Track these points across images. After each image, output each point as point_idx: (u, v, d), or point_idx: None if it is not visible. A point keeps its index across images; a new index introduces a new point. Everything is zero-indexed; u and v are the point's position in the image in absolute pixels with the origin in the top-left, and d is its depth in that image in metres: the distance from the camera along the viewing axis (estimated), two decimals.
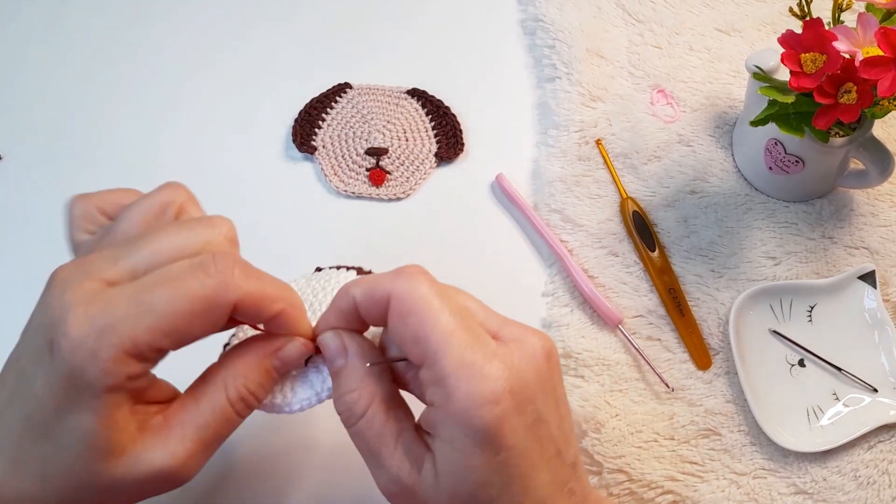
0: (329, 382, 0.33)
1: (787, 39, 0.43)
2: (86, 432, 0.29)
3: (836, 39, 0.41)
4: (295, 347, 0.33)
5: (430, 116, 0.58)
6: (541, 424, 0.31)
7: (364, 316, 0.32)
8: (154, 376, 0.31)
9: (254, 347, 0.33)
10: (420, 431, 0.32)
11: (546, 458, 0.31)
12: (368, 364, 0.32)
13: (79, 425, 0.29)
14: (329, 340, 0.33)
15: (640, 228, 0.53)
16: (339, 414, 0.32)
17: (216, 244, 0.32)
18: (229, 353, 0.33)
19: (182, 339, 0.29)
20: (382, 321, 0.32)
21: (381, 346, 0.34)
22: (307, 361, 0.34)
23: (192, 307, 0.29)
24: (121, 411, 0.29)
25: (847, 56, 0.41)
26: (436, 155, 0.56)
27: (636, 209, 0.53)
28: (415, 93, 0.58)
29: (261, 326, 0.33)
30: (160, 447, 0.31)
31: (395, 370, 0.34)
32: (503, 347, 0.30)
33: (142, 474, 0.30)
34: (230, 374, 0.32)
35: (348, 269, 0.38)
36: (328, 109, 0.58)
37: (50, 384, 0.29)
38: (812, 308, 0.51)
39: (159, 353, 0.30)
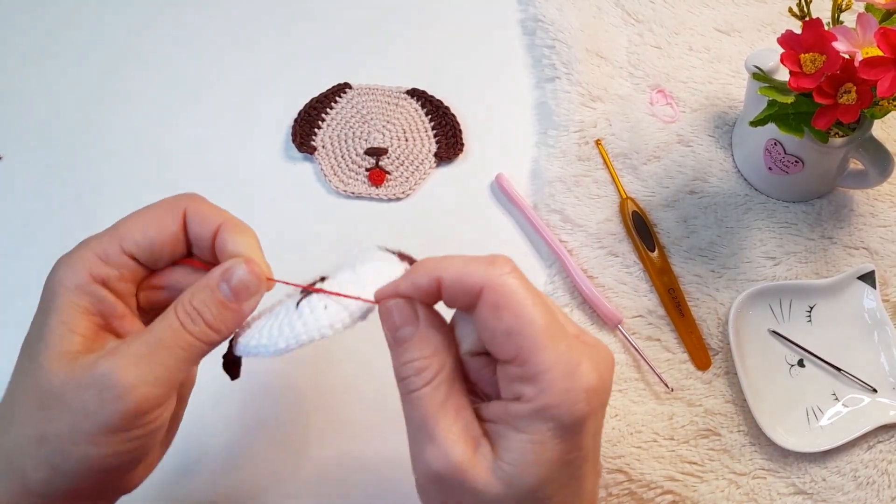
0: (308, 327, 0.32)
1: (787, 40, 0.43)
2: (45, 332, 0.31)
3: (836, 40, 0.41)
4: (238, 271, 0.33)
5: (429, 116, 0.58)
6: (599, 433, 0.31)
7: (447, 299, 0.32)
8: (128, 311, 0.34)
9: (207, 274, 0.34)
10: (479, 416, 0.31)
11: (595, 468, 0.31)
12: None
13: (42, 325, 0.31)
14: (401, 306, 0.32)
15: (640, 228, 0.53)
16: (402, 379, 0.31)
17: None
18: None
19: (141, 237, 0.33)
20: (466, 308, 0.31)
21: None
22: (297, 304, 0.33)
23: (151, 210, 0.34)
24: (81, 316, 0.32)
25: (846, 56, 0.41)
26: (435, 155, 0.56)
27: (636, 209, 0.54)
28: (414, 93, 0.58)
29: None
30: (107, 355, 0.31)
31: (466, 363, 0.33)
32: (588, 349, 0.30)
33: (86, 378, 0.30)
34: (181, 298, 0.33)
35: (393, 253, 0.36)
36: (328, 109, 0.58)
37: (39, 309, 0.32)
38: (812, 308, 0.51)
39: (126, 258, 0.33)
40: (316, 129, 0.57)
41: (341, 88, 0.58)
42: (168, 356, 0.31)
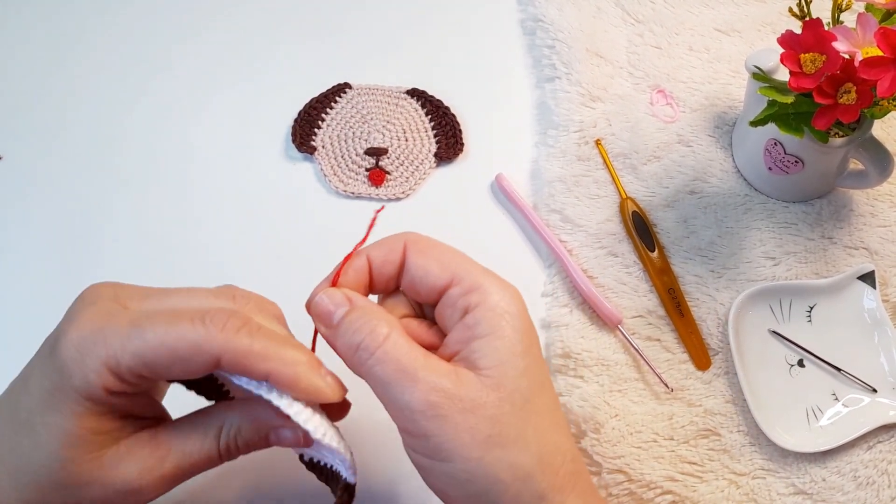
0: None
1: (787, 40, 0.43)
2: (64, 431, 0.30)
3: (836, 40, 0.41)
4: (288, 433, 0.34)
5: (429, 116, 0.58)
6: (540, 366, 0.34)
7: (377, 273, 0.35)
8: (146, 403, 0.33)
9: (256, 408, 0.34)
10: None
11: (553, 408, 0.34)
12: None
13: (58, 423, 0.30)
14: (330, 293, 0.34)
15: (640, 229, 0.53)
16: (357, 346, 0.32)
17: (238, 309, 0.33)
18: (242, 401, 0.34)
19: (159, 372, 0.31)
20: (394, 275, 0.35)
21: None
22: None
23: (177, 346, 0.30)
24: (99, 420, 0.31)
25: (846, 56, 0.41)
26: (435, 155, 0.56)
27: (636, 209, 0.53)
28: (414, 93, 0.58)
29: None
30: (137, 460, 0.32)
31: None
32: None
33: (110, 483, 0.31)
34: (228, 421, 0.34)
35: None
36: (328, 109, 0.58)
37: (42, 381, 0.31)
38: (811, 308, 0.51)
39: (139, 379, 0.31)
40: (316, 129, 0.57)
41: (341, 88, 0.58)
42: (193, 472, 0.34)
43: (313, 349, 0.34)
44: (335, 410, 0.36)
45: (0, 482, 0.31)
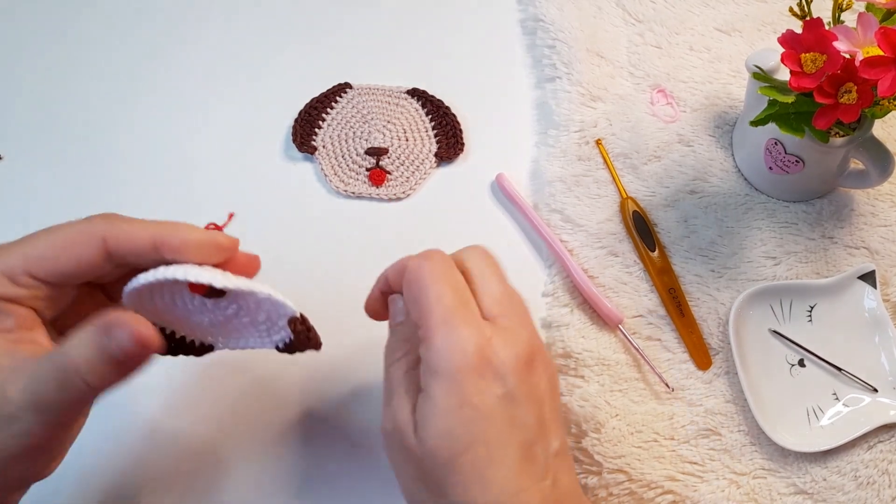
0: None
1: (788, 39, 0.43)
2: None
3: (837, 39, 0.41)
4: (123, 333, 0.30)
5: (430, 116, 0.58)
6: (513, 404, 0.34)
7: (392, 285, 0.39)
8: (39, 324, 0.33)
9: (93, 321, 0.31)
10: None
11: (516, 440, 0.34)
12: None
13: None
14: (396, 301, 0.39)
15: (640, 228, 0.53)
16: (385, 356, 0.38)
17: None
18: (90, 316, 0.32)
19: (49, 267, 0.32)
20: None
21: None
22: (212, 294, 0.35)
23: (64, 236, 0.32)
24: None
25: (847, 56, 0.41)
26: (436, 155, 0.56)
27: (636, 209, 0.53)
28: (415, 93, 0.58)
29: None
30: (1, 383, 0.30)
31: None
32: (488, 325, 0.35)
33: None
34: (66, 343, 0.31)
35: None
36: (328, 109, 0.58)
37: None
38: (812, 308, 0.51)
39: (36, 281, 0.32)
40: (316, 129, 0.57)
41: (342, 88, 0.58)
42: (59, 411, 0.31)
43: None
44: (243, 270, 0.36)
45: None
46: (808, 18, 0.43)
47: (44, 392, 0.30)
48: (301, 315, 0.36)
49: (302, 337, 0.36)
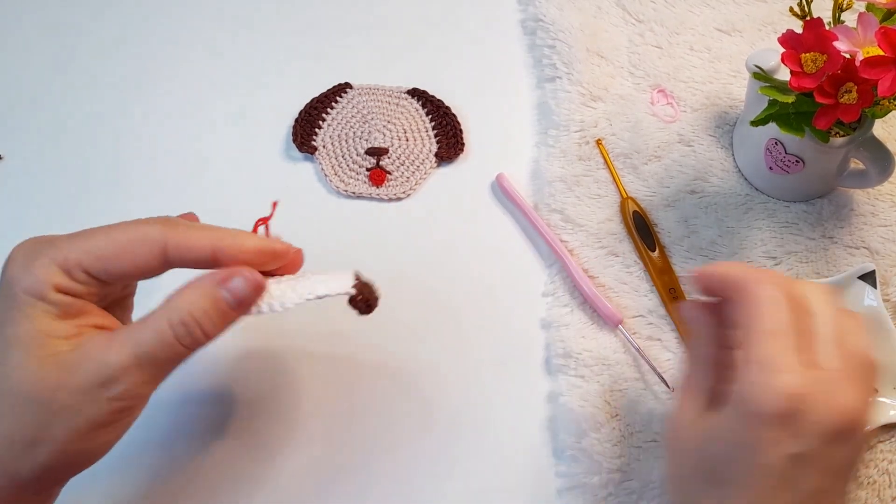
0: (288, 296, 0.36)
1: (788, 39, 0.42)
2: (17, 338, 0.31)
3: (837, 39, 0.41)
4: (238, 280, 0.34)
5: (430, 116, 0.58)
6: (800, 466, 0.32)
7: (710, 292, 0.38)
8: (101, 311, 0.34)
9: (203, 277, 0.34)
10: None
11: (782, 500, 0.32)
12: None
13: (11, 333, 0.31)
14: (690, 310, 0.39)
15: (641, 228, 0.53)
16: (688, 347, 0.39)
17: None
18: (185, 284, 0.34)
19: (108, 267, 0.32)
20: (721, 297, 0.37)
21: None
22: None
23: (123, 238, 0.33)
24: (52, 323, 0.32)
25: (847, 56, 0.41)
26: (436, 155, 0.56)
27: (636, 209, 0.53)
28: (415, 93, 0.58)
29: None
30: (96, 357, 0.32)
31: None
32: (817, 375, 0.32)
33: (76, 385, 0.31)
34: (175, 302, 0.34)
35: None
36: (328, 109, 0.58)
37: None
38: None
39: (88, 277, 0.32)
40: (316, 129, 0.57)
41: (342, 88, 0.58)
42: (159, 366, 0.33)
43: None
44: (292, 266, 0.38)
45: None
46: (808, 18, 0.43)
47: (149, 351, 0.32)
48: (358, 290, 0.37)
49: (363, 308, 0.38)
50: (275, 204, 0.39)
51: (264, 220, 0.38)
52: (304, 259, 0.52)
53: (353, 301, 0.38)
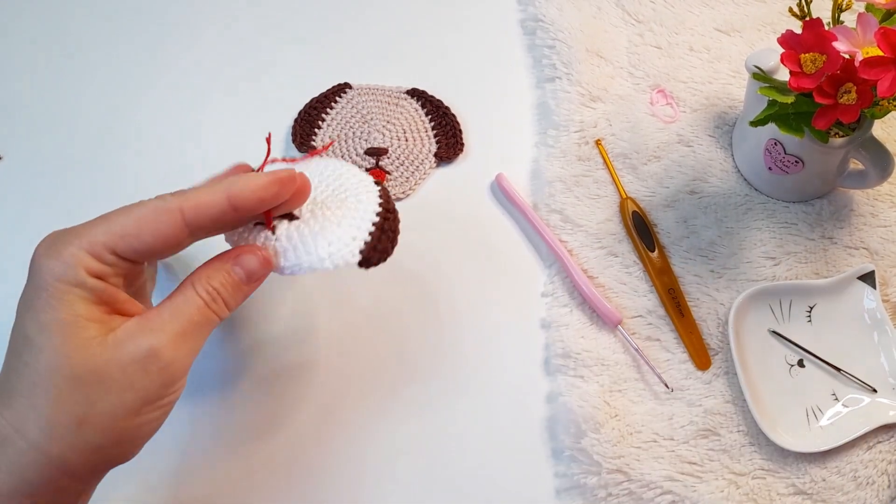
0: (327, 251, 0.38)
1: (787, 39, 0.43)
2: (58, 323, 0.32)
3: (836, 40, 0.41)
4: (249, 257, 0.37)
5: (429, 116, 0.58)
6: None
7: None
8: (128, 297, 0.35)
9: (219, 256, 0.37)
10: None
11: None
12: None
13: (50, 319, 0.32)
14: None
15: (640, 228, 0.53)
16: None
17: None
18: (200, 265, 0.37)
19: (134, 244, 0.33)
20: None
21: None
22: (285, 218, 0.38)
23: (143, 214, 0.33)
24: (88, 307, 0.32)
25: (847, 56, 0.41)
26: (436, 155, 0.56)
27: (636, 209, 0.53)
28: (415, 93, 0.58)
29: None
30: (139, 333, 0.33)
31: None
32: None
33: (128, 355, 0.32)
34: (196, 276, 0.36)
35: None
36: (328, 109, 0.58)
37: (28, 304, 0.33)
38: (811, 308, 0.51)
39: (117, 258, 0.33)
40: (316, 129, 0.57)
41: (341, 88, 0.58)
42: (197, 332, 0.35)
43: None
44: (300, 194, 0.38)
45: (24, 418, 0.32)
46: (807, 18, 0.43)
47: (189, 317, 0.34)
48: (365, 248, 0.39)
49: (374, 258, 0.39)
50: (268, 139, 0.40)
51: (267, 159, 0.39)
52: None
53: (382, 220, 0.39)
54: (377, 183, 0.42)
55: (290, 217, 0.39)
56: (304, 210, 0.39)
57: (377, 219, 0.39)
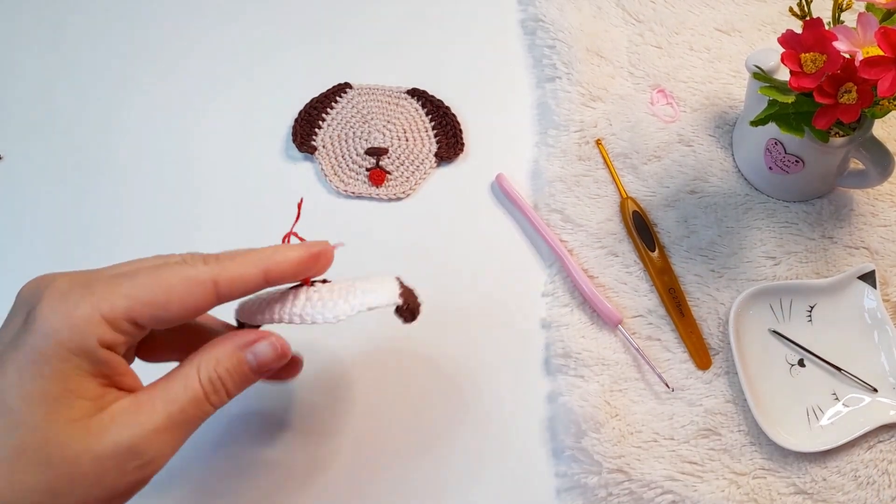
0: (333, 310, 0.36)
1: (788, 39, 0.42)
2: (44, 396, 0.29)
3: (836, 39, 0.41)
4: (264, 345, 0.34)
5: (430, 116, 0.58)
6: None
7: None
8: (129, 368, 0.32)
9: (230, 337, 0.34)
10: None
11: None
12: None
13: (39, 389, 0.29)
14: None
15: (640, 228, 0.53)
16: None
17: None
18: (208, 343, 0.34)
19: (158, 313, 0.30)
20: None
21: None
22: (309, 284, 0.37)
23: (171, 281, 0.30)
24: (82, 382, 0.30)
25: (847, 56, 0.41)
26: (436, 155, 0.56)
27: (636, 209, 0.53)
28: (415, 93, 0.58)
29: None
30: (125, 421, 0.30)
31: None
32: None
33: (101, 451, 0.29)
34: (204, 358, 0.33)
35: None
36: (328, 109, 0.58)
37: (18, 357, 0.29)
38: (812, 308, 0.51)
39: (134, 327, 0.30)
40: (316, 129, 0.57)
41: (341, 88, 0.58)
42: (188, 426, 0.32)
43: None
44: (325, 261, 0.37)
45: None
46: (808, 18, 0.43)
47: (182, 408, 0.32)
48: (404, 299, 0.37)
49: (408, 318, 0.38)
50: (300, 204, 0.39)
51: (295, 223, 0.38)
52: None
53: (399, 311, 0.38)
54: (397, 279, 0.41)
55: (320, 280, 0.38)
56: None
57: (400, 290, 0.38)
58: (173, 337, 0.38)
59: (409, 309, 0.38)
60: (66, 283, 0.30)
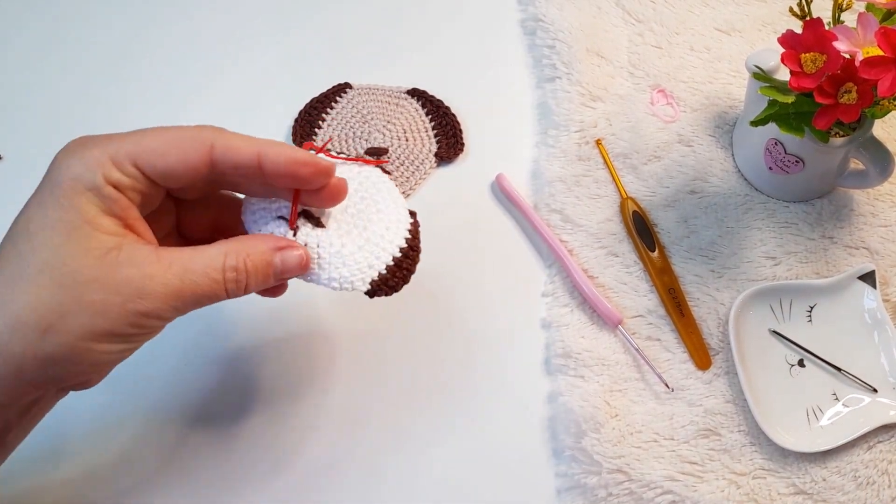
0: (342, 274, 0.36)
1: (788, 39, 0.43)
2: (62, 222, 0.31)
3: (837, 39, 0.41)
4: (294, 254, 0.35)
5: (430, 116, 0.58)
6: None
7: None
8: (140, 217, 0.34)
9: (265, 237, 0.36)
10: None
11: None
12: None
13: (56, 217, 0.31)
14: None
15: (640, 228, 0.53)
16: None
17: None
18: (245, 235, 0.35)
19: (159, 162, 0.33)
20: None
21: None
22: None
23: (173, 135, 0.33)
24: (99, 215, 0.32)
25: (847, 56, 0.41)
26: (436, 155, 0.56)
27: (636, 209, 0.53)
28: (415, 93, 0.58)
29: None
30: (140, 265, 0.32)
31: None
32: None
33: (112, 284, 0.31)
34: (235, 246, 0.34)
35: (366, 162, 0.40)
36: (328, 109, 0.58)
37: (38, 196, 0.32)
38: (812, 308, 0.51)
39: (138, 173, 0.33)
40: (316, 129, 0.57)
41: (341, 88, 0.58)
42: (198, 301, 0.33)
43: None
44: (333, 196, 0.37)
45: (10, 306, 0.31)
46: (808, 18, 0.43)
47: (197, 282, 0.33)
48: (390, 268, 0.37)
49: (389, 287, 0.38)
50: (330, 139, 0.39)
51: (313, 145, 0.38)
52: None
53: (377, 287, 0.37)
54: (412, 213, 0.40)
55: (315, 221, 0.37)
56: (329, 218, 0.38)
57: (399, 254, 0.38)
58: (211, 213, 0.40)
59: (388, 286, 0.38)
60: (82, 138, 0.33)
